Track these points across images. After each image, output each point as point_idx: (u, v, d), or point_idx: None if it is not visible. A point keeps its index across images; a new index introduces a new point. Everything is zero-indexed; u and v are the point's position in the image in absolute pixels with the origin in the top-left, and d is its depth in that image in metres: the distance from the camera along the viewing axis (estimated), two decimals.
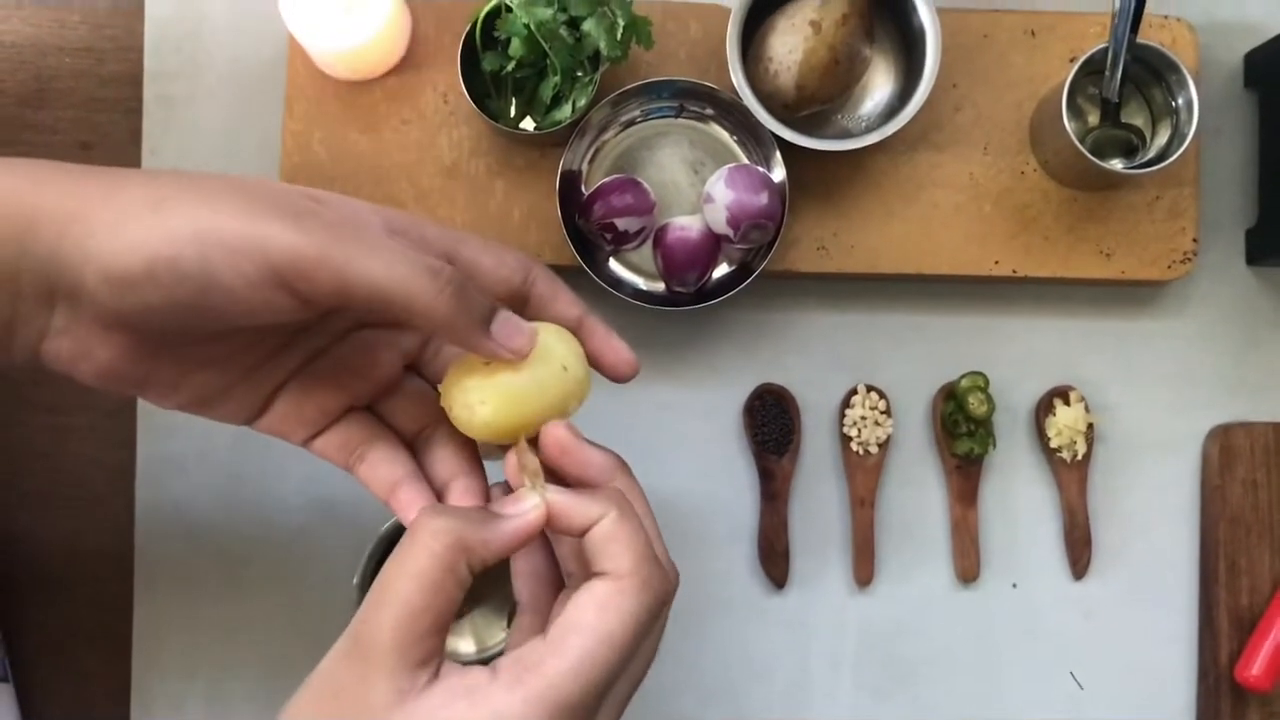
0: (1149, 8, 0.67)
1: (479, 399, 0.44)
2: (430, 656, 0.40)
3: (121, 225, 0.40)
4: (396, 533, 0.67)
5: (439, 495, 0.48)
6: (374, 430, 0.49)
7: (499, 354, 0.43)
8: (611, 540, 0.42)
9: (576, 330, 0.48)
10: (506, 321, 0.43)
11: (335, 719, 0.40)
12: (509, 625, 0.67)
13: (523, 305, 0.47)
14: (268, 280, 0.40)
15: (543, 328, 0.45)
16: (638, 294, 0.72)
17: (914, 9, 0.69)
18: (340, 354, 0.48)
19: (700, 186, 0.71)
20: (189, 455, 0.73)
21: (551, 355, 0.44)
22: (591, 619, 0.40)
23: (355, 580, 0.66)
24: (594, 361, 0.48)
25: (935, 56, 0.68)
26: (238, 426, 0.49)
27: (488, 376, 0.44)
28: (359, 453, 0.49)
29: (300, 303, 0.41)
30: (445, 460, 0.49)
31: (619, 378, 0.49)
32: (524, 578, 0.47)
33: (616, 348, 0.48)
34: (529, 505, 0.43)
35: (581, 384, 0.45)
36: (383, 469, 0.48)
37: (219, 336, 0.44)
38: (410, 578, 0.40)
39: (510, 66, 0.68)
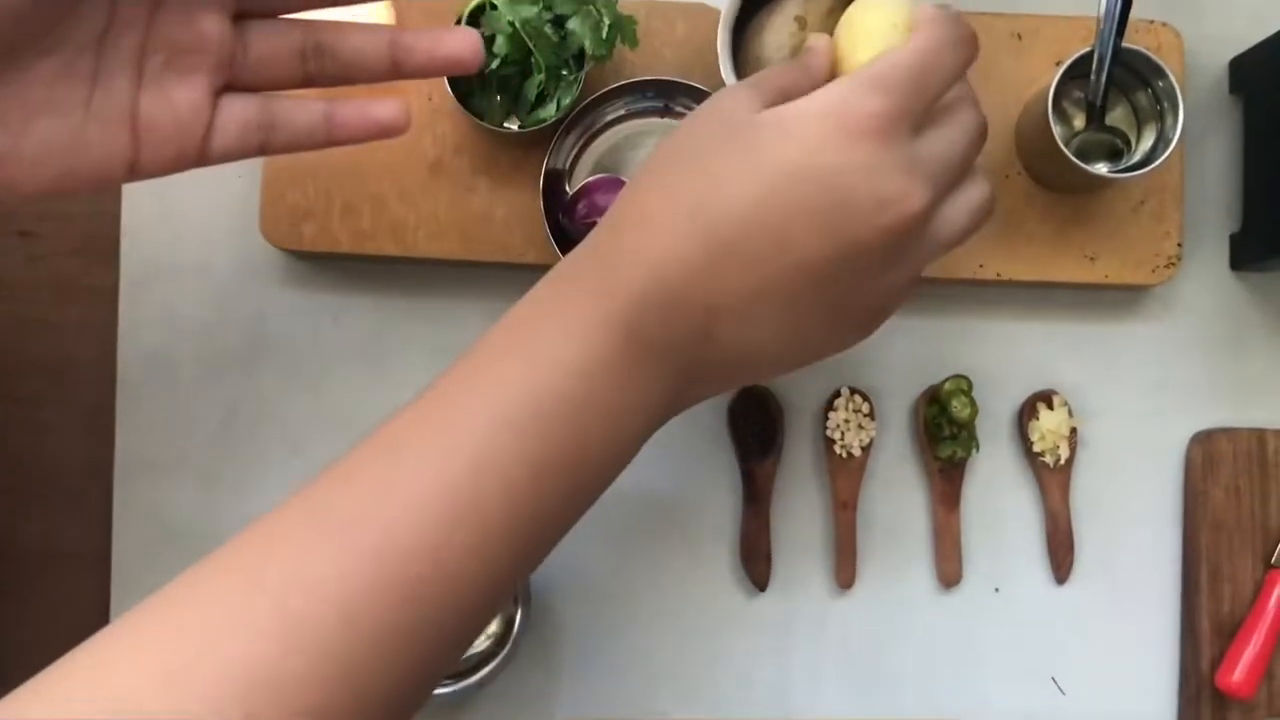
0: (1135, 12, 0.67)
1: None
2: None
3: None
4: None
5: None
6: (259, 100, 0.48)
7: None
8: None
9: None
10: None
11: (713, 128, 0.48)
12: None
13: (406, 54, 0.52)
14: None
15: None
16: None
17: None
18: (161, 37, 0.47)
19: None
20: (169, 454, 0.73)
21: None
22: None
23: None
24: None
25: None
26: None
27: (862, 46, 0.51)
28: (258, 127, 0.48)
29: None
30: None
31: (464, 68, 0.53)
32: None
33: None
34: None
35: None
36: (299, 116, 0.49)
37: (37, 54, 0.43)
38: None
39: (494, 64, 0.68)
